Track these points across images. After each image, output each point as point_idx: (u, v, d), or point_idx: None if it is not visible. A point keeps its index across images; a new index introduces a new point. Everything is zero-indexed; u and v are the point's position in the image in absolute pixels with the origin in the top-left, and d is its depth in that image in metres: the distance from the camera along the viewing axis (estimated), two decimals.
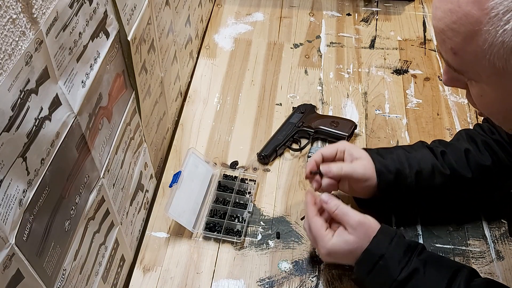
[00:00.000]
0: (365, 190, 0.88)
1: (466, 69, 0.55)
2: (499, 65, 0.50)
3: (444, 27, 0.53)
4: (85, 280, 0.70)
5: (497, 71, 0.51)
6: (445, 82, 0.62)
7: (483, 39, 0.49)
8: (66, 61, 0.57)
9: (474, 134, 0.91)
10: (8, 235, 0.48)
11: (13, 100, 0.47)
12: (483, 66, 0.51)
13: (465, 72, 0.55)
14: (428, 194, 0.89)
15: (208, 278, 0.86)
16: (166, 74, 1.00)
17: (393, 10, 1.42)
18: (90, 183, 0.67)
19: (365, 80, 1.21)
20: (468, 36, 0.50)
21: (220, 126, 1.11)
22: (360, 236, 0.75)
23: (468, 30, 0.50)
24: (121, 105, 0.77)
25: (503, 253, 0.89)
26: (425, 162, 0.87)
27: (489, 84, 0.54)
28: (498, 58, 0.49)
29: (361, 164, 0.86)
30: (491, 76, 0.52)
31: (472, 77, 0.55)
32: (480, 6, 0.48)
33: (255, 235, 0.92)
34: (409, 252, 0.74)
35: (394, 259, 0.73)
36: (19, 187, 0.50)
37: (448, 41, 0.53)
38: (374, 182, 0.85)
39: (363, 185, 0.86)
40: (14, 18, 0.46)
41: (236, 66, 1.25)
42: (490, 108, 0.58)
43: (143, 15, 0.80)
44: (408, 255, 0.74)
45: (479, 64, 0.51)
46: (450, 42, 0.53)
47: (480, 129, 0.92)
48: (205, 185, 0.98)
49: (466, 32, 0.50)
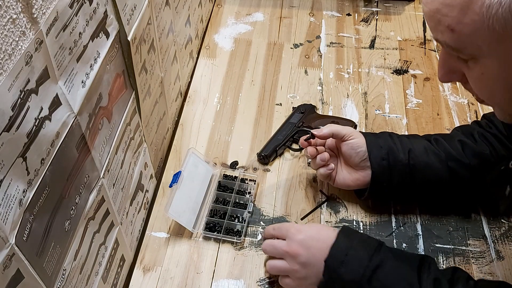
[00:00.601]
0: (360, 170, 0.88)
1: (465, 45, 0.54)
2: (499, 28, 0.50)
3: (438, 5, 0.53)
4: (85, 280, 0.70)
5: (498, 36, 0.50)
6: (441, 78, 0.62)
7: (479, 5, 0.49)
8: (66, 61, 0.57)
9: (471, 128, 0.92)
10: (8, 235, 0.48)
11: (13, 100, 0.47)
12: (482, 35, 0.51)
13: (464, 49, 0.55)
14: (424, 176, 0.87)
15: (208, 278, 0.86)
16: (166, 74, 1.00)
17: (393, 10, 1.42)
18: (90, 183, 0.67)
19: (365, 80, 1.21)
20: (464, 5, 0.51)
21: (220, 126, 1.11)
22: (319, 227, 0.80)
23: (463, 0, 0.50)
24: (121, 105, 0.77)
25: (503, 253, 0.89)
26: (417, 144, 0.88)
27: (490, 55, 0.54)
28: (497, 20, 0.49)
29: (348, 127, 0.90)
30: (491, 44, 0.52)
31: (472, 52, 0.55)
32: None
33: (255, 235, 0.92)
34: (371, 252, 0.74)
35: None
36: (19, 187, 0.50)
37: (444, 19, 0.53)
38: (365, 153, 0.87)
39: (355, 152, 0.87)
40: (14, 18, 0.46)
41: (236, 66, 1.25)
42: (491, 87, 0.57)
43: (143, 15, 0.80)
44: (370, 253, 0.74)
45: (478, 34, 0.51)
46: (446, 20, 0.53)
47: (476, 124, 0.92)
48: (205, 185, 0.98)
49: (462, 3, 0.51)
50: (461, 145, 0.88)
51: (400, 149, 0.87)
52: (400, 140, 0.89)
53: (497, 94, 0.58)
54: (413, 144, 0.88)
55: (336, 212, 0.96)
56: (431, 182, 0.88)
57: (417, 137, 0.92)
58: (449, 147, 0.87)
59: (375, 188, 0.89)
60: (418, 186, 0.89)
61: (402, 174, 0.87)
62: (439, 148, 0.88)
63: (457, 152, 0.87)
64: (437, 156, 0.87)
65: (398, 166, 0.86)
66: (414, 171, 0.87)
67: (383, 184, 0.88)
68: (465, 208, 0.95)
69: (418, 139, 0.90)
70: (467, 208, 0.95)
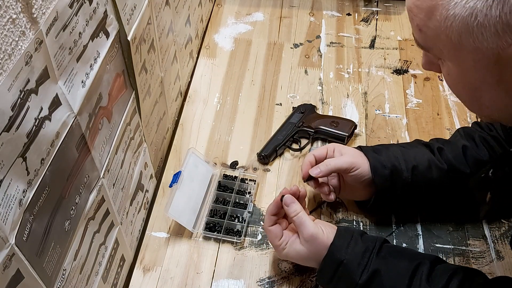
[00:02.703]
0: (363, 189, 0.88)
1: (430, 46, 0.57)
2: (454, 39, 0.52)
3: (411, 4, 0.56)
4: (85, 280, 0.70)
5: (454, 45, 0.53)
6: (423, 65, 0.65)
7: (439, 13, 0.52)
8: (66, 61, 0.57)
9: (472, 131, 0.91)
10: (8, 235, 0.48)
11: (13, 100, 0.47)
12: (443, 41, 0.54)
13: (430, 49, 0.58)
14: (426, 190, 0.88)
15: (208, 278, 0.86)
16: (166, 74, 1.00)
17: (393, 10, 1.42)
18: (90, 183, 0.67)
19: (365, 80, 1.21)
20: (429, 11, 0.53)
21: (220, 126, 1.11)
22: (310, 250, 0.77)
23: (428, 6, 0.53)
24: (121, 105, 0.77)
25: (503, 253, 0.89)
26: (421, 157, 0.87)
27: (450, 59, 0.57)
28: (453, 32, 0.52)
29: (348, 155, 0.87)
30: (450, 51, 0.55)
31: (437, 54, 0.58)
32: None
33: (255, 235, 0.92)
34: (368, 252, 0.75)
35: (353, 263, 0.74)
36: (19, 187, 0.50)
37: (415, 18, 0.56)
38: (369, 178, 0.86)
39: (359, 181, 0.86)
40: (14, 18, 0.46)
41: (236, 66, 1.25)
42: (456, 87, 0.60)
43: (143, 15, 0.80)
44: (367, 255, 0.74)
45: (439, 39, 0.54)
46: (416, 19, 0.56)
47: (477, 126, 0.93)
48: (205, 185, 0.98)
49: (427, 8, 0.53)
50: (463, 152, 0.88)
51: (404, 167, 0.86)
52: (404, 156, 0.87)
53: (462, 93, 0.61)
54: (416, 159, 0.87)
55: (336, 212, 0.96)
56: (433, 194, 0.90)
57: (421, 148, 0.90)
58: (452, 158, 0.87)
59: (377, 203, 0.89)
60: (419, 199, 0.90)
61: (405, 190, 0.87)
62: (442, 158, 0.88)
63: (459, 161, 0.87)
64: (440, 170, 0.87)
65: (400, 184, 0.86)
66: (417, 187, 0.87)
67: (385, 200, 0.89)
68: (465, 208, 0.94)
69: (421, 151, 0.89)
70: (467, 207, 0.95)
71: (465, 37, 0.51)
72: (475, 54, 0.53)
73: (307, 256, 0.78)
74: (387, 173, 0.85)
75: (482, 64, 0.53)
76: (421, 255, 0.80)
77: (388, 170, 0.85)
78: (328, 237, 0.77)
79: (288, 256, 0.80)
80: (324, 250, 0.76)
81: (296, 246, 0.78)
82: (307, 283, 0.85)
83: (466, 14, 0.50)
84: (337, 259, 0.75)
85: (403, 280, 0.72)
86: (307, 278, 0.86)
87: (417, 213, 0.95)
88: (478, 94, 0.58)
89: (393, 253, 0.76)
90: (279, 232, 0.80)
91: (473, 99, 0.60)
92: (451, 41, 0.53)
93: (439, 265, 0.74)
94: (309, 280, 0.85)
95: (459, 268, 0.73)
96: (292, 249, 0.79)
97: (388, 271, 0.73)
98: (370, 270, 0.73)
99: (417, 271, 0.72)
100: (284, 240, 0.80)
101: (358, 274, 0.73)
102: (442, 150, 0.89)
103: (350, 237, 0.76)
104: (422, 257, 0.75)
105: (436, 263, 0.74)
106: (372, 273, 0.73)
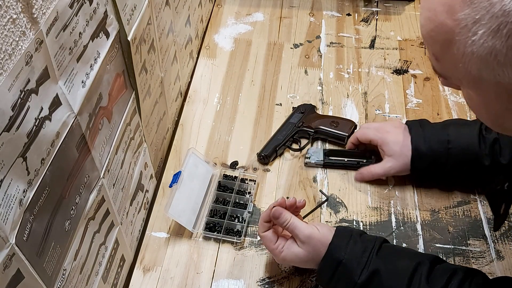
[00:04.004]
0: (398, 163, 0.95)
1: (448, 75, 0.56)
2: (474, 72, 0.51)
3: (425, 34, 0.54)
4: (85, 280, 0.70)
5: (474, 78, 0.51)
6: (442, 82, 0.64)
7: (456, 48, 0.50)
8: (66, 61, 0.57)
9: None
10: (8, 235, 0.48)
11: (13, 100, 0.47)
12: (461, 72, 0.52)
13: (449, 78, 0.57)
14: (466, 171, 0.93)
15: (208, 278, 0.86)
16: (166, 74, 1.00)
17: (393, 10, 1.42)
18: (90, 183, 0.67)
19: (365, 80, 1.21)
20: (445, 44, 0.51)
21: (220, 126, 1.11)
22: (309, 250, 0.77)
23: (444, 39, 0.51)
24: (121, 105, 0.77)
25: (503, 253, 0.89)
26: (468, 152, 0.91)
27: (470, 89, 0.55)
28: (472, 66, 0.50)
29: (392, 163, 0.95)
30: (470, 83, 0.53)
31: (456, 82, 0.57)
32: (452, 17, 0.49)
33: (255, 235, 0.92)
34: (367, 252, 0.75)
35: (352, 262, 0.74)
36: (19, 187, 0.50)
37: (430, 47, 0.55)
38: None
39: None
40: (14, 18, 0.47)
41: (236, 66, 1.25)
42: (478, 112, 0.59)
43: (143, 15, 0.80)
44: (366, 255, 0.74)
45: (458, 70, 0.52)
46: (431, 48, 0.55)
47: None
48: (205, 185, 0.98)
49: (443, 41, 0.51)
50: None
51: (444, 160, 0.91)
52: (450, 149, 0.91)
53: (484, 118, 0.60)
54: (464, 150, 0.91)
55: (336, 212, 0.96)
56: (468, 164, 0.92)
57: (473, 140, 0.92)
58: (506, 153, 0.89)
59: None
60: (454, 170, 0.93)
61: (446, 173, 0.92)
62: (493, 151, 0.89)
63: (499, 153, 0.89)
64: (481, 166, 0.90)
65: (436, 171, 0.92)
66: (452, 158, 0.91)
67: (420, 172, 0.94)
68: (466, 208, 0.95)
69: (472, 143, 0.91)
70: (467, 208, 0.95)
71: (485, 72, 0.50)
72: (497, 87, 0.51)
73: (305, 257, 0.77)
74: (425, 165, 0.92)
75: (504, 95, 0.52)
76: (420, 255, 0.80)
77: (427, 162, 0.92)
78: (325, 234, 0.77)
79: (286, 259, 0.80)
80: (323, 249, 0.76)
81: (293, 248, 0.78)
82: (307, 283, 0.85)
83: (485, 53, 0.48)
84: (336, 258, 0.75)
85: (403, 280, 0.72)
86: (307, 278, 0.86)
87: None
88: (501, 120, 0.57)
89: (392, 253, 0.76)
90: (273, 236, 0.80)
91: (496, 123, 0.59)
92: (470, 74, 0.51)
93: (438, 265, 0.74)
94: (309, 280, 0.86)
95: (459, 268, 0.73)
96: (289, 252, 0.79)
97: (387, 271, 0.73)
98: (370, 269, 0.73)
99: (416, 271, 0.72)
100: (280, 243, 0.80)
101: (357, 273, 0.73)
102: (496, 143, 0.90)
103: (349, 237, 0.76)
104: (422, 257, 0.75)
105: (436, 263, 0.74)
106: (371, 273, 0.73)
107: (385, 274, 0.73)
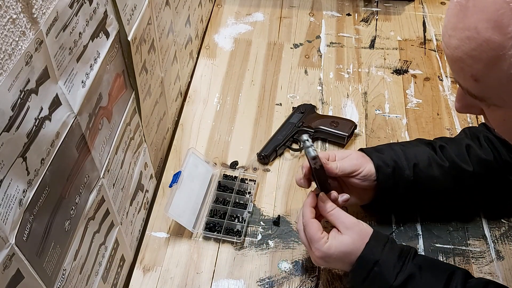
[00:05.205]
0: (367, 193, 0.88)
1: (488, 95, 0.53)
2: None
3: (462, 55, 0.51)
4: (85, 280, 0.70)
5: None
6: (458, 109, 0.61)
7: (508, 64, 0.48)
8: (66, 61, 0.57)
9: (477, 131, 0.91)
10: (8, 235, 0.48)
11: (13, 100, 0.47)
12: (507, 91, 0.50)
13: (488, 99, 0.54)
14: (428, 188, 0.87)
15: (208, 278, 0.86)
16: (166, 74, 1.00)
17: (393, 10, 1.42)
18: (90, 183, 0.67)
19: (365, 80, 1.21)
20: (491, 62, 0.49)
21: (220, 126, 1.11)
22: (354, 237, 0.75)
23: (490, 56, 0.49)
24: (121, 105, 0.77)
25: (503, 253, 0.89)
26: (421, 155, 0.87)
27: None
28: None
29: (350, 157, 0.86)
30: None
31: (495, 103, 0.54)
32: (502, 31, 0.47)
33: (255, 235, 0.92)
34: (403, 257, 0.74)
35: (388, 264, 0.73)
36: (19, 187, 0.50)
37: (468, 69, 0.52)
38: (374, 178, 0.85)
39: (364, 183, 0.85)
40: (14, 18, 0.47)
41: (236, 66, 1.25)
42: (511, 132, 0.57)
43: (143, 15, 0.80)
44: (402, 259, 0.74)
45: (503, 89, 0.50)
46: (470, 70, 0.52)
47: (484, 126, 0.92)
48: (205, 185, 0.98)
49: (488, 58, 0.49)
50: (466, 150, 0.87)
51: (405, 165, 0.86)
52: (405, 154, 0.87)
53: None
54: (417, 157, 0.87)
55: None
56: (435, 193, 0.88)
57: (422, 146, 0.89)
58: (454, 156, 0.87)
59: (380, 202, 0.89)
60: (421, 197, 0.89)
61: (407, 188, 0.86)
62: (444, 156, 0.87)
63: (462, 159, 0.87)
64: (441, 167, 0.86)
65: (403, 182, 0.86)
66: (419, 185, 0.86)
67: (389, 198, 0.88)
68: (465, 207, 0.94)
69: (422, 149, 0.89)
70: (467, 207, 0.95)
71: None
72: None
73: (351, 244, 0.74)
74: (389, 171, 0.85)
75: None
76: (454, 266, 0.79)
77: (391, 168, 0.85)
78: (368, 226, 0.77)
79: (331, 249, 0.75)
80: (366, 238, 0.75)
81: (338, 237, 0.75)
82: (307, 283, 0.85)
83: None
84: (372, 258, 0.74)
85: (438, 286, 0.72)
86: (307, 278, 0.86)
87: (418, 212, 0.95)
88: None
89: (427, 260, 0.76)
90: (320, 225, 0.77)
91: None
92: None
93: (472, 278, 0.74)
94: (309, 280, 0.86)
95: (491, 281, 0.73)
96: (335, 240, 0.75)
97: (422, 277, 0.72)
98: (406, 274, 0.72)
99: (452, 279, 0.72)
100: (325, 234, 0.77)
101: (393, 276, 0.72)
102: (444, 148, 0.88)
103: (386, 239, 0.76)
104: (455, 268, 0.75)
105: (469, 276, 0.74)
106: (407, 277, 0.72)
107: (420, 280, 0.72)
